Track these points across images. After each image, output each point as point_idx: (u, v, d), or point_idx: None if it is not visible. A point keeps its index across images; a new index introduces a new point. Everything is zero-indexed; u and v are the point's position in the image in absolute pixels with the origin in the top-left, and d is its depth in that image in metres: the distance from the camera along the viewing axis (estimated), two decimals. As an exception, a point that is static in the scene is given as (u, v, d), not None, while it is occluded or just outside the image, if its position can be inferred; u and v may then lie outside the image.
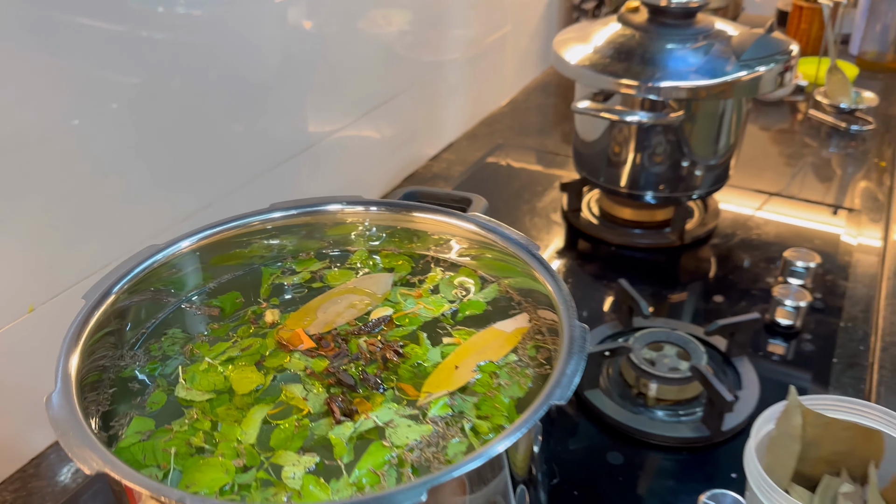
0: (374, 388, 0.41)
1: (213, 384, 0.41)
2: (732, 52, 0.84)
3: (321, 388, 0.41)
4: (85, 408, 0.35)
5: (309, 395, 0.40)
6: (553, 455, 0.66)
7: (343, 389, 0.41)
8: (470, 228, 0.50)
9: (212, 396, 0.41)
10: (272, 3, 0.81)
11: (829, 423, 0.51)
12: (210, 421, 0.39)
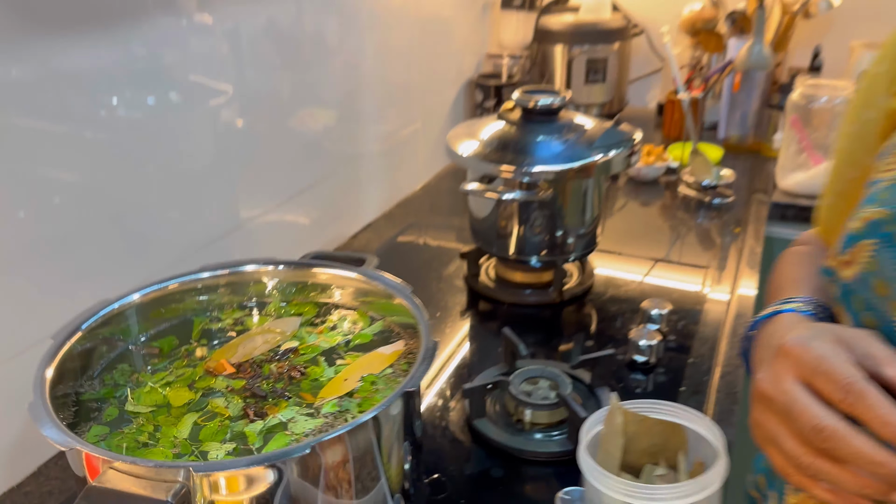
0: (281, 397, 0.54)
1: (155, 401, 0.53)
2: (588, 141, 1.03)
3: (240, 399, 0.54)
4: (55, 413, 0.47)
5: (230, 405, 0.53)
6: (445, 473, 0.79)
7: (256, 399, 0.53)
8: (361, 279, 0.64)
9: (153, 409, 0.53)
10: (206, 106, 0.97)
11: (643, 421, 0.65)
12: (153, 426, 0.51)
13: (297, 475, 0.46)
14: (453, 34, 1.67)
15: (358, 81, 1.31)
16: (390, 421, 0.50)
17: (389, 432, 0.50)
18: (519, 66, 1.76)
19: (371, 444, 0.48)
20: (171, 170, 0.92)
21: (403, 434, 0.52)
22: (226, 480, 0.43)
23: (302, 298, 0.67)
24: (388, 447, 0.50)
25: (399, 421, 0.52)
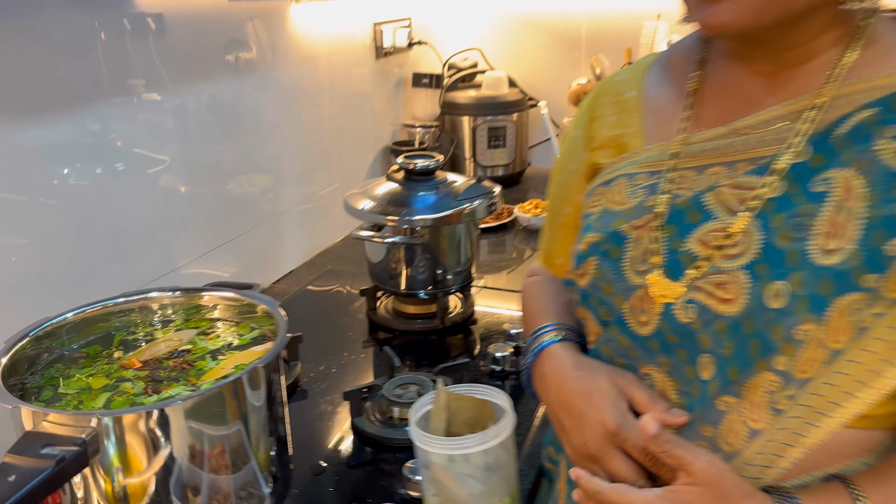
0: (173, 381, 0.73)
1: (80, 386, 0.72)
2: (455, 194, 1.26)
3: (143, 383, 0.73)
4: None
5: (135, 387, 0.73)
6: (327, 459, 0.98)
7: (155, 382, 0.73)
8: (244, 299, 0.85)
9: (78, 391, 0.72)
10: (147, 173, 1.19)
11: (461, 398, 0.86)
12: (77, 401, 0.70)
13: (179, 423, 0.66)
14: (372, 107, 1.93)
15: (287, 148, 1.54)
16: (250, 392, 0.70)
17: (250, 402, 0.70)
18: (430, 135, 2.01)
19: (230, 406, 0.68)
20: (115, 230, 1.13)
21: (268, 418, 0.73)
22: (123, 423, 0.63)
23: (198, 316, 0.87)
24: (253, 424, 0.70)
25: (263, 399, 0.72)
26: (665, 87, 0.75)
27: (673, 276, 0.67)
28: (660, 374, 0.68)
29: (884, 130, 0.61)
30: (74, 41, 1.03)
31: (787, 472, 0.63)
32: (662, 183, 0.70)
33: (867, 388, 0.60)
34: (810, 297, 0.60)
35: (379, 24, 1.86)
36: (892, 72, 0.63)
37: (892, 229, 0.59)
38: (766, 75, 0.67)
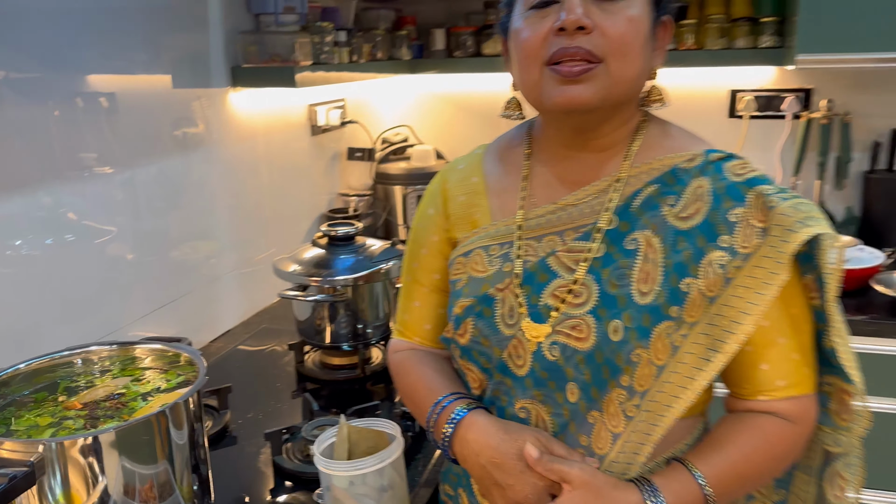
0: (109, 418, 0.87)
1: (28, 423, 0.86)
2: (371, 256, 1.44)
3: (83, 419, 0.87)
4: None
5: (76, 423, 0.86)
6: (249, 494, 1.11)
7: (93, 419, 0.87)
8: (170, 350, 1.00)
9: (27, 428, 0.85)
10: (93, 243, 1.33)
11: (361, 431, 1.01)
12: (27, 435, 0.83)
13: (112, 449, 0.80)
14: (309, 179, 2.11)
15: (228, 217, 1.70)
16: (174, 431, 0.85)
17: (174, 440, 0.85)
18: (364, 203, 2.20)
19: (157, 440, 0.82)
20: (64, 295, 1.26)
21: (190, 457, 0.87)
22: (65, 447, 0.77)
23: (133, 366, 1.02)
24: (178, 461, 0.84)
25: (185, 439, 0.86)
26: (502, 174, 0.93)
27: (538, 321, 0.84)
28: (535, 405, 0.85)
29: (665, 200, 0.83)
30: (29, 120, 1.17)
31: (644, 465, 0.82)
32: (512, 251, 0.88)
33: (687, 391, 0.80)
34: (637, 328, 0.80)
35: (314, 105, 2.06)
36: (662, 157, 0.85)
37: (682, 272, 0.80)
38: (580, 162, 0.88)
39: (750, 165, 0.83)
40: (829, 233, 0.76)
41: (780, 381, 0.83)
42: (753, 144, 2.23)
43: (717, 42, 2.07)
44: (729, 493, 0.83)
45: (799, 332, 0.83)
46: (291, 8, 1.73)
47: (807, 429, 0.85)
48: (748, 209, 0.79)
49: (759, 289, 0.77)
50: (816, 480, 0.91)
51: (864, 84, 2.12)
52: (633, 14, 0.78)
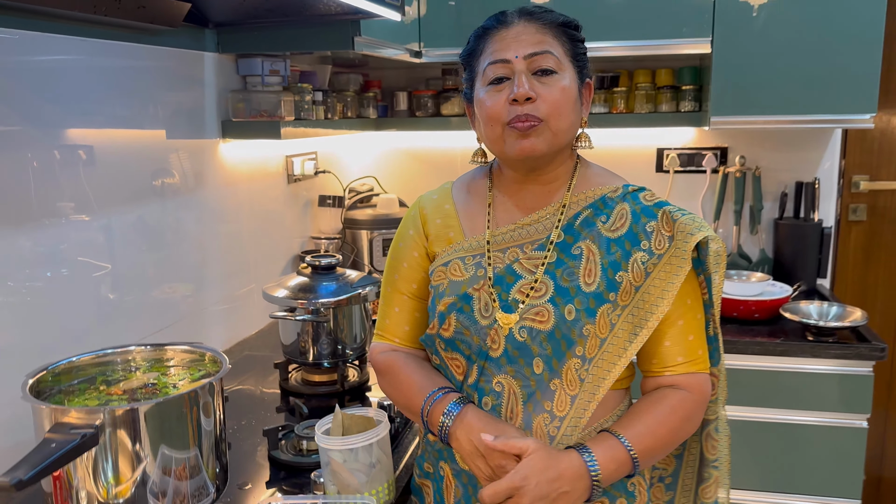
0: (148, 399, 1.05)
1: (80, 404, 1.03)
2: (350, 283, 1.64)
3: (126, 401, 1.04)
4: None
5: (119, 403, 1.04)
6: (251, 482, 1.28)
7: (134, 402, 1.04)
8: (195, 350, 1.18)
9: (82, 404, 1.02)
10: (90, 277, 1.50)
11: (353, 417, 1.20)
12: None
13: (150, 419, 0.98)
14: (283, 223, 2.31)
15: (208, 258, 1.88)
16: (203, 418, 1.03)
17: (203, 426, 1.03)
18: (333, 245, 2.41)
19: (186, 414, 1.00)
20: (64, 325, 1.41)
21: (215, 443, 1.05)
22: (117, 416, 0.95)
23: (159, 364, 1.20)
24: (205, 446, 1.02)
25: (212, 426, 1.04)
26: (469, 202, 1.19)
27: (509, 312, 1.08)
28: (508, 379, 1.08)
29: (598, 219, 1.10)
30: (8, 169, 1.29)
31: (590, 423, 1.07)
32: (484, 260, 1.13)
33: (622, 359, 1.07)
34: (586, 309, 1.06)
35: (290, 156, 2.28)
36: (594, 189, 1.13)
37: (616, 268, 1.07)
38: (532, 192, 1.14)
39: (655, 194, 1.13)
40: (714, 235, 1.06)
41: (679, 358, 1.10)
42: (678, 195, 2.54)
43: (645, 106, 2.39)
44: (649, 452, 1.06)
45: (693, 318, 1.10)
46: (276, 71, 1.97)
47: (702, 399, 1.11)
48: (658, 223, 1.08)
49: (671, 279, 1.05)
50: (699, 441, 1.18)
51: (772, 142, 2.46)
52: (564, 85, 1.06)
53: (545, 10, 1.11)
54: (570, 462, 1.01)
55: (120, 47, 1.54)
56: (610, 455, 1.03)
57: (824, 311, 2.06)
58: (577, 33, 1.12)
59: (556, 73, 1.06)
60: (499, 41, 1.08)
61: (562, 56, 1.08)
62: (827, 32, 2.03)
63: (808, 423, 1.97)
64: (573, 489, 1.00)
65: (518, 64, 1.06)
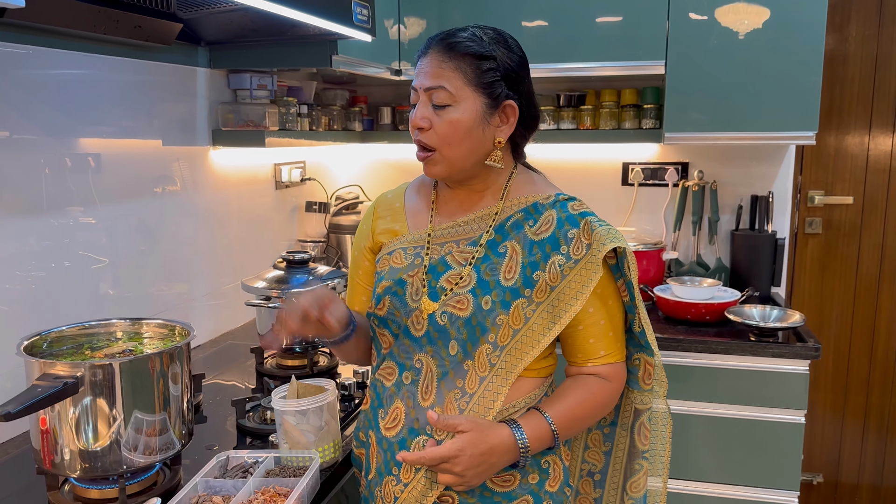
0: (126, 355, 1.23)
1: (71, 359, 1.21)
2: (321, 276, 1.82)
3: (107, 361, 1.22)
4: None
5: (116, 357, 1.21)
6: (220, 445, 1.45)
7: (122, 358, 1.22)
8: (168, 323, 1.36)
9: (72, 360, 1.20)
10: (89, 269, 1.69)
11: (307, 385, 1.36)
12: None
13: (124, 373, 1.15)
14: (271, 227, 2.49)
15: (199, 256, 2.07)
16: (171, 384, 1.20)
17: (171, 391, 1.20)
18: (318, 248, 2.59)
19: (157, 373, 1.18)
20: (63, 310, 1.60)
21: (180, 408, 1.22)
22: (97, 369, 1.12)
23: (137, 336, 1.37)
24: (172, 409, 1.20)
25: (179, 391, 1.22)
26: (417, 200, 1.33)
27: (434, 300, 1.21)
28: (426, 357, 1.20)
29: (527, 222, 1.22)
30: (23, 173, 1.50)
31: (501, 406, 1.17)
32: (422, 252, 1.27)
33: (534, 349, 1.18)
34: (501, 301, 1.17)
35: (279, 164, 2.47)
36: (528, 196, 1.25)
37: (535, 267, 1.18)
38: (469, 195, 1.26)
39: (584, 205, 1.23)
40: (626, 246, 1.17)
41: (602, 351, 1.22)
42: (643, 207, 2.70)
43: (609, 123, 2.56)
44: (568, 429, 1.20)
45: (613, 317, 1.22)
46: (264, 85, 2.16)
47: (619, 385, 1.25)
48: (580, 230, 1.18)
49: (586, 282, 1.16)
50: (629, 433, 1.30)
51: (729, 158, 2.62)
52: (453, 117, 1.15)
53: (453, 41, 1.17)
54: (501, 437, 1.13)
55: (122, 63, 1.74)
56: (535, 432, 1.15)
57: (766, 314, 2.21)
58: (483, 62, 1.16)
59: (449, 105, 1.15)
60: (417, 67, 1.20)
61: (460, 87, 1.15)
62: (772, 55, 2.20)
63: (749, 418, 2.11)
64: (500, 460, 1.14)
65: (421, 94, 1.18)
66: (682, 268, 2.62)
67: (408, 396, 1.22)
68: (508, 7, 2.37)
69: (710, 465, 2.15)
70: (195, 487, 1.15)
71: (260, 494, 1.14)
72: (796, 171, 2.63)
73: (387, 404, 1.25)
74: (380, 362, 1.29)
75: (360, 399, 1.65)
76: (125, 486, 1.19)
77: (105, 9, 1.50)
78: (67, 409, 1.13)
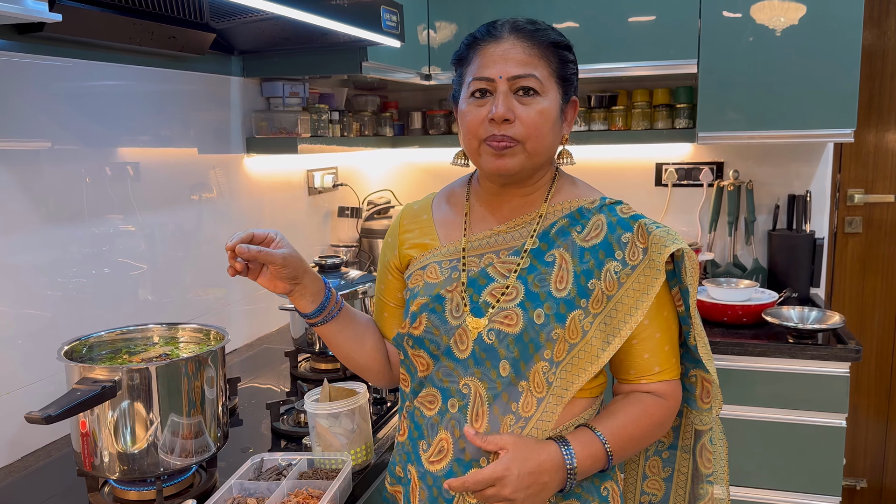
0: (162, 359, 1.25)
1: (109, 363, 1.24)
2: (352, 280, 1.84)
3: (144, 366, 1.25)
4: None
5: (153, 361, 1.24)
6: (255, 447, 1.47)
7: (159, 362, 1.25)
8: (202, 327, 1.39)
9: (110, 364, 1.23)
10: (128, 276, 1.73)
11: (338, 388, 1.38)
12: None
13: (160, 377, 1.17)
14: (304, 232, 2.52)
15: (230, 258, 2.10)
16: (207, 388, 1.23)
17: (206, 393, 1.22)
18: (351, 253, 2.61)
19: (192, 376, 1.20)
20: (102, 316, 1.64)
21: (215, 411, 1.24)
22: (134, 374, 1.15)
23: (174, 340, 1.40)
24: (208, 412, 1.22)
25: (214, 395, 1.24)
26: (447, 211, 1.22)
27: (478, 316, 1.10)
28: (474, 381, 1.09)
29: (574, 228, 1.12)
30: (64, 183, 1.53)
31: (555, 426, 1.07)
32: (459, 265, 1.15)
33: (593, 365, 1.08)
34: (556, 314, 1.07)
35: (311, 170, 2.50)
36: (571, 200, 1.15)
37: (588, 276, 1.08)
38: (509, 202, 1.17)
39: (632, 208, 1.14)
40: (688, 248, 1.08)
41: (657, 367, 1.12)
42: (677, 208, 2.67)
43: (641, 123, 2.54)
44: (622, 448, 1.09)
45: (669, 330, 1.12)
46: (296, 93, 2.19)
47: (674, 404, 1.14)
48: (633, 234, 1.09)
49: (646, 290, 1.07)
50: (691, 456, 1.20)
51: (764, 157, 2.58)
52: (543, 107, 1.07)
53: (537, 29, 1.10)
54: (549, 454, 1.03)
55: (158, 73, 1.78)
56: (587, 449, 1.06)
57: (805, 315, 2.16)
58: (567, 53, 1.11)
59: (539, 95, 1.07)
60: (486, 56, 1.09)
61: (547, 77, 1.08)
62: (808, 51, 2.16)
63: (788, 422, 2.07)
64: (552, 480, 1.03)
65: (501, 84, 1.07)
66: (718, 269, 2.58)
67: (455, 426, 1.10)
68: (539, 9, 2.37)
69: (749, 469, 2.12)
70: (230, 489, 1.17)
71: (293, 497, 1.15)
72: (835, 169, 2.57)
73: (429, 435, 1.13)
74: (415, 388, 1.17)
75: (391, 402, 1.66)
76: (162, 488, 1.21)
77: (140, 21, 1.54)
78: (106, 412, 1.16)
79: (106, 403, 1.14)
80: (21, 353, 1.44)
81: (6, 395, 1.40)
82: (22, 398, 1.43)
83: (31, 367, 1.45)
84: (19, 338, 1.43)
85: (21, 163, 1.43)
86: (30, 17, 0.99)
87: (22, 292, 1.44)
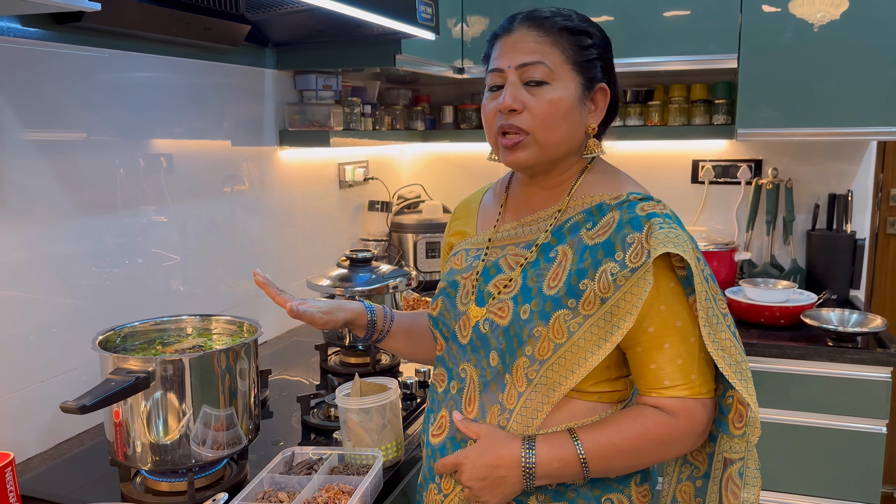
0: (196, 351, 1.25)
1: (143, 353, 1.24)
2: (383, 274, 1.82)
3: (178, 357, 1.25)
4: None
5: (186, 352, 1.24)
6: (285, 440, 1.47)
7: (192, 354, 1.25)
8: (236, 319, 1.39)
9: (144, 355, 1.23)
10: (161, 266, 1.73)
11: (370, 384, 1.37)
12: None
13: (194, 368, 1.17)
14: (335, 226, 2.52)
15: (266, 254, 2.10)
16: (239, 380, 1.22)
17: (238, 385, 1.22)
18: (381, 247, 2.60)
19: (224, 368, 1.20)
20: (135, 306, 1.65)
21: (246, 403, 1.24)
22: (168, 365, 1.15)
23: (207, 332, 1.40)
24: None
25: (247, 386, 1.24)
26: (490, 202, 1.25)
27: (480, 305, 1.13)
28: (470, 366, 1.13)
29: (585, 226, 1.08)
30: (99, 173, 1.55)
31: (542, 425, 1.06)
32: (482, 254, 1.18)
33: (581, 368, 1.04)
34: (541, 311, 1.05)
35: (343, 164, 2.49)
36: (594, 195, 1.10)
37: (582, 275, 1.04)
38: (536, 194, 1.16)
39: (658, 205, 1.05)
40: (684, 253, 0.99)
41: (666, 381, 1.03)
42: (713, 205, 2.62)
43: (678, 119, 2.49)
44: (605, 459, 1.03)
45: (684, 341, 1.02)
46: (329, 86, 2.19)
47: (688, 424, 1.03)
48: (642, 235, 1.01)
49: (641, 294, 1.01)
50: (719, 487, 1.08)
51: (804, 155, 2.52)
52: (553, 96, 1.05)
53: (549, 16, 1.08)
54: (509, 450, 1.04)
55: (193, 65, 1.78)
56: (555, 453, 1.03)
57: (845, 317, 2.10)
58: (582, 38, 1.08)
59: (547, 83, 1.05)
60: (500, 48, 1.09)
61: (559, 65, 1.06)
62: (851, 47, 2.10)
63: (826, 427, 2.02)
64: (509, 475, 1.04)
65: (510, 74, 1.06)
66: (755, 269, 2.53)
67: (453, 406, 1.15)
68: (574, 2, 2.32)
69: (784, 474, 2.07)
70: (261, 483, 1.16)
71: (324, 492, 1.14)
72: (877, 168, 2.50)
73: (435, 410, 1.19)
74: (436, 364, 1.22)
75: (421, 398, 1.65)
76: (193, 479, 1.21)
77: (176, 11, 1.54)
78: (139, 402, 1.16)
79: (139, 394, 1.14)
80: (56, 342, 1.45)
81: (41, 383, 1.41)
82: (57, 386, 1.44)
83: (66, 355, 1.46)
84: (54, 326, 1.44)
85: (57, 153, 1.44)
86: (70, 7, 0.98)
87: (57, 281, 1.45)
